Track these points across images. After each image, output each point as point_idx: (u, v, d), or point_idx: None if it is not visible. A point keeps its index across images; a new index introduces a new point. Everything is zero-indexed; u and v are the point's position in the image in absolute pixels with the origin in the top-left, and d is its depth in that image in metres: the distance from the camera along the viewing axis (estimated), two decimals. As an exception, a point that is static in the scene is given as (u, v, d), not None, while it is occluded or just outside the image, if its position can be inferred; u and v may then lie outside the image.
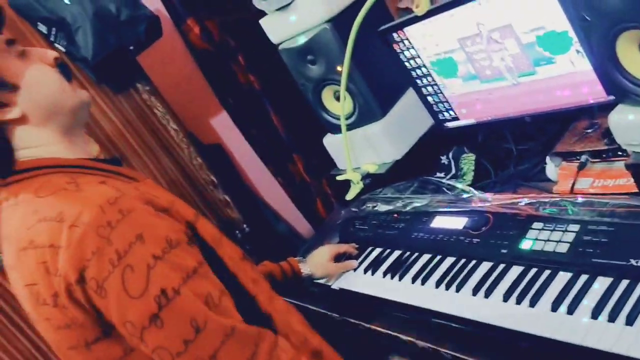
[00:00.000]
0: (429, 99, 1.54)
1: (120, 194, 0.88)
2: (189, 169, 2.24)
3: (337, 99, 1.63)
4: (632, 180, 1.10)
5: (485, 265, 1.14)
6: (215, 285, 0.91)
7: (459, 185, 1.48)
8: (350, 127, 1.65)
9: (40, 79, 0.95)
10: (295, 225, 2.62)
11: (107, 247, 0.83)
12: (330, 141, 1.78)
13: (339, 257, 1.46)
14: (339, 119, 1.63)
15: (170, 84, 2.31)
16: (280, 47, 1.62)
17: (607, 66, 0.98)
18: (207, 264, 0.92)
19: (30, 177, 0.93)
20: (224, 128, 2.46)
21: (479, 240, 1.20)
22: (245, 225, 2.31)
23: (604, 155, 1.20)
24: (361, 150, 1.67)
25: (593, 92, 1.20)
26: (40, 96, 0.95)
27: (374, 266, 1.37)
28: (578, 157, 1.24)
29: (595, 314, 0.88)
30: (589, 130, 1.25)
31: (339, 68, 1.52)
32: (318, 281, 1.44)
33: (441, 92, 1.50)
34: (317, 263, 1.41)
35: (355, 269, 1.41)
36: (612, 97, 1.17)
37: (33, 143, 0.95)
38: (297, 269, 1.40)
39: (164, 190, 1.01)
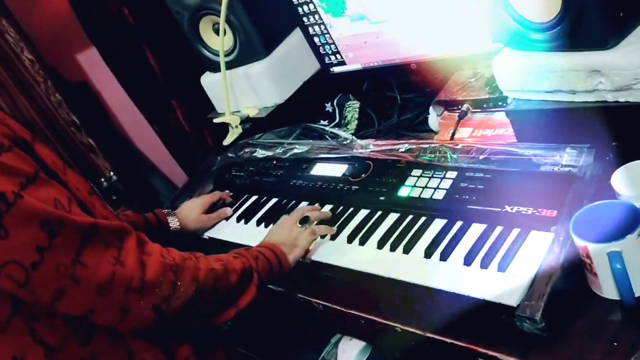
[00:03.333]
0: (316, 40, 1.44)
1: None
2: (46, 106, 1.97)
3: (217, 32, 1.48)
4: (510, 130, 1.09)
5: (363, 213, 1.09)
6: (61, 192, 0.77)
7: (342, 134, 1.41)
8: (230, 66, 1.51)
9: None
10: (172, 177, 2.44)
11: None
12: (208, 80, 1.63)
13: (212, 207, 1.34)
14: (218, 55, 1.49)
15: (25, 7, 2.00)
16: (152, -34, 1.43)
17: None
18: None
19: None
20: (92, 66, 2.20)
21: (358, 187, 1.14)
22: (112, 173, 2.10)
23: (484, 106, 1.18)
24: (241, 92, 1.55)
25: (478, 39, 1.17)
26: None
27: (248, 215, 1.27)
28: (460, 107, 1.21)
29: (468, 261, 0.86)
30: (472, 80, 1.23)
31: (218, -4, 1.37)
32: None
33: (328, 33, 1.40)
34: (187, 216, 1.29)
35: (228, 218, 1.30)
36: (496, 46, 1.15)
37: None
38: (164, 222, 1.26)
39: None
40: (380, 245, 0.98)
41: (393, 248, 0.96)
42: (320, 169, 1.26)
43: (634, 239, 0.70)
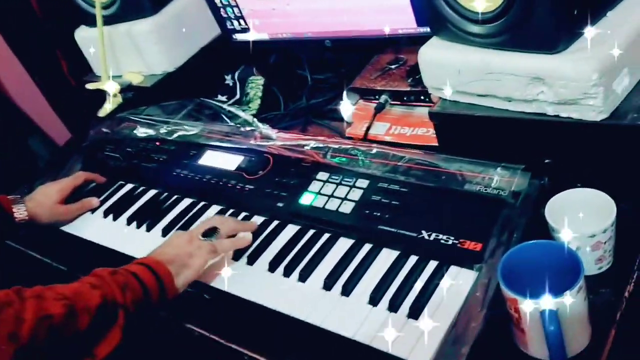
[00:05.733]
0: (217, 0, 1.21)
1: None
2: None
3: (93, -22, 1.21)
4: (432, 131, 0.94)
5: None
6: None
7: (242, 114, 1.21)
8: (109, 20, 1.25)
9: None
10: (56, 138, 2.13)
11: None
12: (84, 36, 1.36)
13: (77, 193, 1.10)
14: (94, 5, 1.22)
15: None
16: None
17: (427, -15, 0.77)
18: None
19: None
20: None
21: (253, 187, 0.95)
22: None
23: (405, 98, 1.03)
24: (123, 54, 1.30)
25: (403, 20, 1.01)
26: None
27: (118, 209, 1.05)
28: (377, 97, 1.05)
29: (374, 300, 0.70)
30: (393, 66, 1.07)
31: None
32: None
33: (231, -7, 1.18)
34: (39, 205, 1.03)
35: (94, 210, 1.07)
36: (422, 29, 1.00)
37: None
38: (8, 210, 1.00)
39: None
40: (273, 267, 0.80)
41: (287, 273, 0.79)
42: (210, 159, 1.05)
43: (574, 295, 0.58)
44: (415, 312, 0.67)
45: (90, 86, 1.28)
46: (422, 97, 0.99)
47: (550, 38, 0.68)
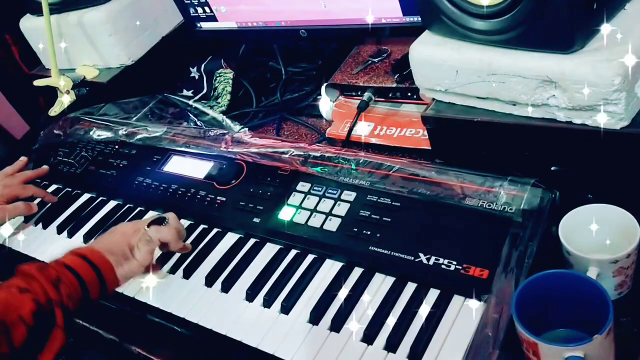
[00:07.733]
0: (177, -16, 1.09)
1: None
2: None
3: (36, -40, 1.07)
4: (422, 132, 0.86)
5: (230, 238, 0.81)
6: None
7: (210, 112, 1.11)
8: (57, 9, 1.12)
9: None
10: (12, 131, 1.97)
11: None
12: (29, 26, 1.22)
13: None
14: (38, -7, 1.08)
15: None
16: None
17: (420, -28, 0.67)
18: None
19: None
20: None
21: (225, 199, 0.85)
22: None
23: (390, 95, 0.94)
24: (75, 46, 1.17)
25: (387, 8, 0.91)
26: None
27: (73, 223, 0.93)
28: (359, 93, 0.96)
29: (369, 338, 0.62)
30: (376, 60, 0.97)
31: None
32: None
33: (194, -23, 1.06)
34: None
35: (46, 225, 0.96)
36: (408, 19, 0.90)
37: None
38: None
39: None
40: (251, 296, 0.71)
41: (268, 303, 0.70)
42: (176, 165, 0.95)
43: (602, 340, 0.51)
44: (416, 354, 0.59)
45: (38, 82, 1.15)
46: (409, 94, 0.91)
47: (566, 36, 0.59)
